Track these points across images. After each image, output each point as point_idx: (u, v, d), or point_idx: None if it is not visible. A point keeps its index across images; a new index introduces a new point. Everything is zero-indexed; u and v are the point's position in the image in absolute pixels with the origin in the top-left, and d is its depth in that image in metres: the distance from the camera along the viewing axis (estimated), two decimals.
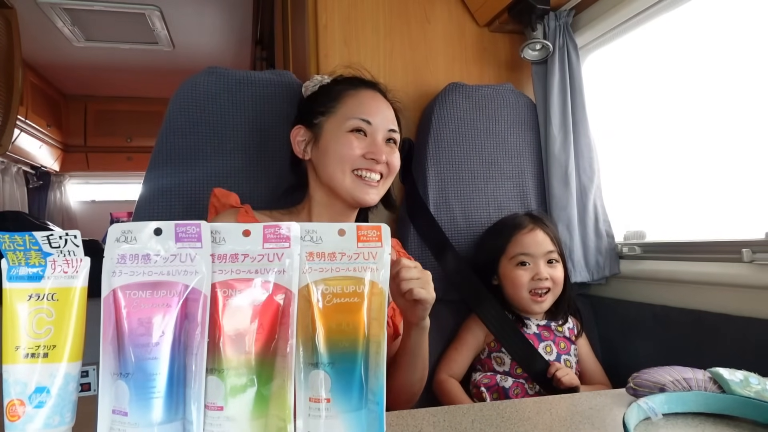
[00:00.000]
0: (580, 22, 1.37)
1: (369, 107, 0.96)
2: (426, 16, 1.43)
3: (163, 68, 3.37)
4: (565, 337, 1.14)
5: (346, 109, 0.95)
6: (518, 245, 1.13)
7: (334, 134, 0.94)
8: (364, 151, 0.93)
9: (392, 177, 0.99)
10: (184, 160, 1.07)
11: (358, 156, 0.93)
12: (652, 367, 0.71)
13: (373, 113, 0.95)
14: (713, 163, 1.15)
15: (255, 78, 1.14)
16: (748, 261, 0.97)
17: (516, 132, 1.34)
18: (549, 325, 1.14)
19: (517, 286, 1.12)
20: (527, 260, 1.12)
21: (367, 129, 0.94)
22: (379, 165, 0.94)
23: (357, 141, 0.93)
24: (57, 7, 2.51)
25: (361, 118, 0.94)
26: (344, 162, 0.92)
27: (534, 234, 1.13)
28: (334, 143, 0.93)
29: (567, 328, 1.16)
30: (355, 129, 0.94)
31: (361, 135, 0.94)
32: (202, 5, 2.62)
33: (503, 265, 1.15)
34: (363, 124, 0.94)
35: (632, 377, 0.70)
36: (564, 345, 1.14)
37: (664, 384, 0.66)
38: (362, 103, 0.96)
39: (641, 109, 1.34)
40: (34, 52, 3.01)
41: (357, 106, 0.96)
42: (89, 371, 1.82)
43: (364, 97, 0.98)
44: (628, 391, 0.68)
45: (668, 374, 0.68)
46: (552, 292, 1.12)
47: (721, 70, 1.13)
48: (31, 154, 3.33)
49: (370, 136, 0.95)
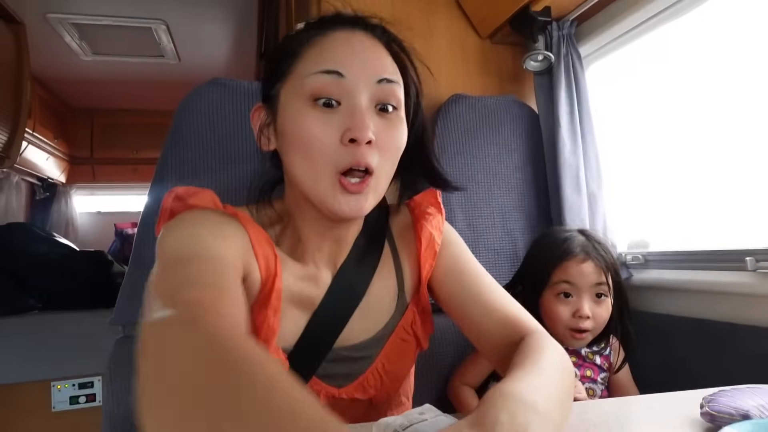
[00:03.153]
0: (582, 32, 1.38)
1: (338, 53, 0.59)
2: (429, 30, 1.44)
3: (169, 81, 3.40)
4: (595, 364, 1.05)
5: (305, 65, 0.60)
6: (563, 273, 0.99)
7: (293, 109, 0.60)
8: (340, 132, 0.57)
9: (392, 163, 0.62)
10: (189, 171, 1.07)
11: (334, 145, 0.57)
12: (723, 389, 0.63)
13: (345, 60, 0.59)
14: (717, 171, 1.15)
15: (260, 89, 1.15)
16: (752, 269, 0.97)
17: (519, 143, 1.35)
18: (579, 350, 1.04)
19: (555, 320, 1.00)
20: (571, 292, 0.99)
21: (339, 87, 0.58)
22: (366, 149, 0.57)
23: (325, 117, 0.58)
24: (65, 21, 2.55)
25: (323, 70, 0.58)
26: (315, 157, 0.58)
27: (584, 265, 0.98)
28: (290, 124, 0.60)
29: (601, 355, 1.06)
30: (316, 95, 0.58)
31: (331, 107, 0.58)
32: (208, 19, 2.65)
33: (544, 293, 1.02)
34: (328, 80, 0.58)
35: (705, 401, 0.61)
36: (590, 373, 1.04)
37: (747, 410, 0.58)
38: (327, 49, 0.60)
39: (645, 117, 1.35)
40: (43, 66, 3.05)
41: (318, 54, 0.60)
42: (94, 382, 1.82)
43: (334, 40, 0.61)
44: (703, 417, 0.60)
45: (749, 398, 0.60)
46: (591, 332, 1.00)
47: (726, 79, 1.13)
48: (38, 166, 3.35)
49: (345, 100, 0.59)
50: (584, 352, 1.05)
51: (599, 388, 1.06)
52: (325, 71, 0.58)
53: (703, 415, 0.61)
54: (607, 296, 1.00)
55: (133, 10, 2.50)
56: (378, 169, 0.60)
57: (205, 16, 2.61)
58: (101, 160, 3.89)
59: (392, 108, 0.62)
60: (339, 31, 0.62)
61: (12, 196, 3.35)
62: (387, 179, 0.63)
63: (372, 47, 0.62)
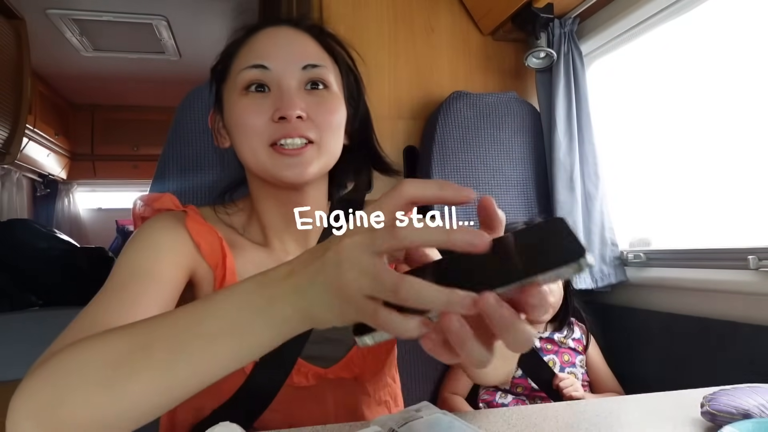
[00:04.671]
0: (585, 29, 1.38)
1: (264, 47, 0.66)
2: (431, 26, 1.44)
3: (170, 77, 3.40)
4: (570, 348, 1.13)
5: (237, 62, 0.67)
6: None
7: (230, 102, 0.67)
8: (271, 112, 0.63)
9: (332, 135, 0.67)
10: (190, 168, 1.07)
11: (265, 123, 0.64)
12: (724, 388, 0.63)
13: (269, 53, 0.65)
14: (719, 170, 1.15)
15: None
16: (754, 268, 0.97)
17: (520, 140, 1.34)
18: (552, 337, 1.13)
19: None
20: None
21: (266, 78, 0.65)
22: (299, 123, 0.63)
23: (256, 102, 0.64)
24: (66, 17, 2.54)
25: (251, 65, 0.65)
26: (249, 136, 0.64)
27: None
28: (231, 115, 0.67)
29: (573, 338, 1.14)
30: (247, 85, 0.65)
31: (262, 91, 0.65)
32: (209, 15, 2.64)
33: None
34: (256, 73, 0.65)
35: (706, 399, 0.61)
36: (568, 357, 1.12)
37: (747, 409, 0.58)
38: (254, 46, 0.67)
39: (647, 115, 1.34)
40: (43, 62, 3.04)
41: (248, 52, 0.67)
42: None
43: (262, 37, 0.68)
44: (704, 416, 0.60)
45: (750, 397, 0.60)
46: (552, 307, 1.09)
47: (728, 77, 1.13)
48: (39, 163, 3.35)
49: (274, 86, 0.65)
50: (557, 338, 1.12)
51: (580, 372, 1.11)
52: (252, 66, 0.65)
53: (704, 414, 0.61)
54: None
55: (133, 6, 2.49)
56: (319, 140, 0.65)
57: (206, 12, 2.61)
58: (102, 156, 3.89)
59: (323, 86, 0.67)
60: (267, 29, 0.68)
61: (14, 193, 3.35)
62: (332, 152, 0.68)
63: (296, 37, 0.68)
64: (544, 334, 1.13)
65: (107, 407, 0.41)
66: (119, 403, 0.40)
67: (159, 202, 0.70)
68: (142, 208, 0.71)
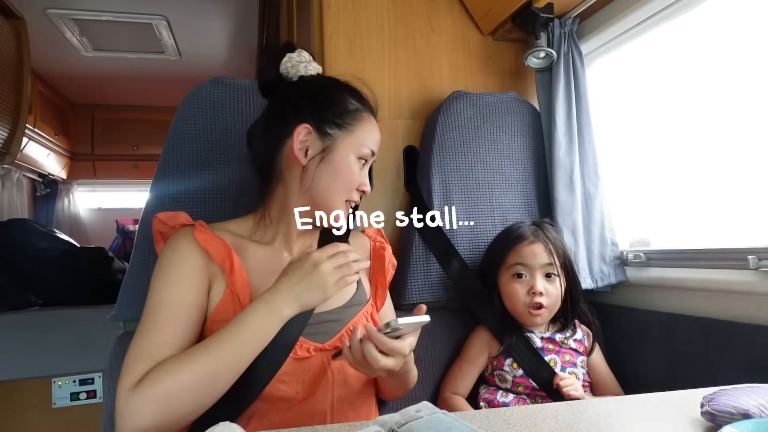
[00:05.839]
0: (585, 29, 1.38)
1: (376, 138, 0.92)
2: (431, 26, 1.44)
3: (170, 77, 3.40)
4: (571, 349, 1.12)
5: (362, 134, 0.90)
6: (517, 256, 1.11)
7: (346, 156, 0.88)
8: (360, 182, 0.90)
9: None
10: (190, 169, 1.07)
11: (356, 185, 0.90)
12: (723, 388, 0.63)
13: (377, 145, 0.93)
14: (719, 170, 1.15)
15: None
16: (754, 268, 0.97)
17: (520, 140, 1.34)
18: (554, 337, 1.12)
19: (513, 299, 1.10)
20: (524, 272, 1.10)
21: (369, 160, 0.92)
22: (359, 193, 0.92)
23: (360, 170, 0.90)
24: (66, 17, 2.54)
25: (372, 150, 0.91)
26: (349, 190, 0.89)
27: (533, 246, 1.10)
28: (345, 165, 0.88)
29: (574, 339, 1.13)
30: (363, 157, 0.90)
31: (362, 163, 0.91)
32: (209, 15, 2.64)
33: (502, 276, 1.13)
34: (370, 155, 0.91)
35: (706, 399, 0.62)
36: (569, 357, 1.11)
37: (747, 409, 0.58)
38: (372, 131, 0.92)
39: (647, 115, 1.34)
40: (43, 62, 3.04)
41: (369, 134, 0.91)
42: (94, 378, 1.82)
43: (373, 125, 0.93)
44: (704, 416, 0.61)
45: (749, 397, 0.60)
46: (547, 309, 1.09)
47: (728, 77, 1.13)
48: (39, 162, 3.35)
49: (365, 165, 0.92)
50: (559, 338, 1.12)
51: (581, 372, 1.11)
52: (372, 150, 0.91)
53: (704, 414, 0.61)
54: (558, 276, 1.10)
55: (133, 6, 2.49)
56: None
57: (206, 11, 2.61)
58: (102, 156, 3.89)
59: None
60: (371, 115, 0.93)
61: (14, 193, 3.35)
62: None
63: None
64: (546, 334, 1.12)
65: (201, 403, 0.73)
66: (206, 401, 0.73)
67: (175, 219, 0.88)
68: (161, 225, 0.89)
